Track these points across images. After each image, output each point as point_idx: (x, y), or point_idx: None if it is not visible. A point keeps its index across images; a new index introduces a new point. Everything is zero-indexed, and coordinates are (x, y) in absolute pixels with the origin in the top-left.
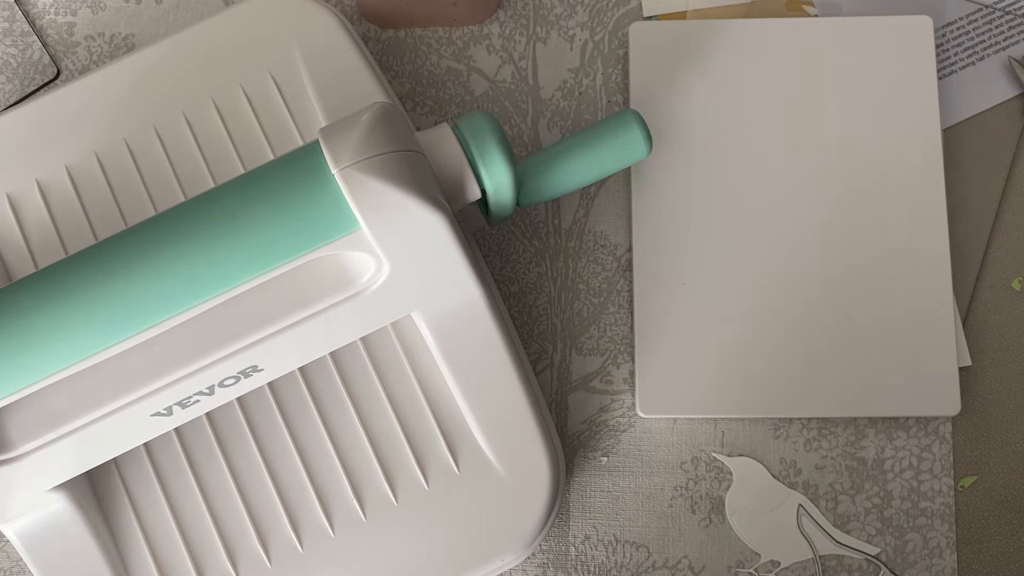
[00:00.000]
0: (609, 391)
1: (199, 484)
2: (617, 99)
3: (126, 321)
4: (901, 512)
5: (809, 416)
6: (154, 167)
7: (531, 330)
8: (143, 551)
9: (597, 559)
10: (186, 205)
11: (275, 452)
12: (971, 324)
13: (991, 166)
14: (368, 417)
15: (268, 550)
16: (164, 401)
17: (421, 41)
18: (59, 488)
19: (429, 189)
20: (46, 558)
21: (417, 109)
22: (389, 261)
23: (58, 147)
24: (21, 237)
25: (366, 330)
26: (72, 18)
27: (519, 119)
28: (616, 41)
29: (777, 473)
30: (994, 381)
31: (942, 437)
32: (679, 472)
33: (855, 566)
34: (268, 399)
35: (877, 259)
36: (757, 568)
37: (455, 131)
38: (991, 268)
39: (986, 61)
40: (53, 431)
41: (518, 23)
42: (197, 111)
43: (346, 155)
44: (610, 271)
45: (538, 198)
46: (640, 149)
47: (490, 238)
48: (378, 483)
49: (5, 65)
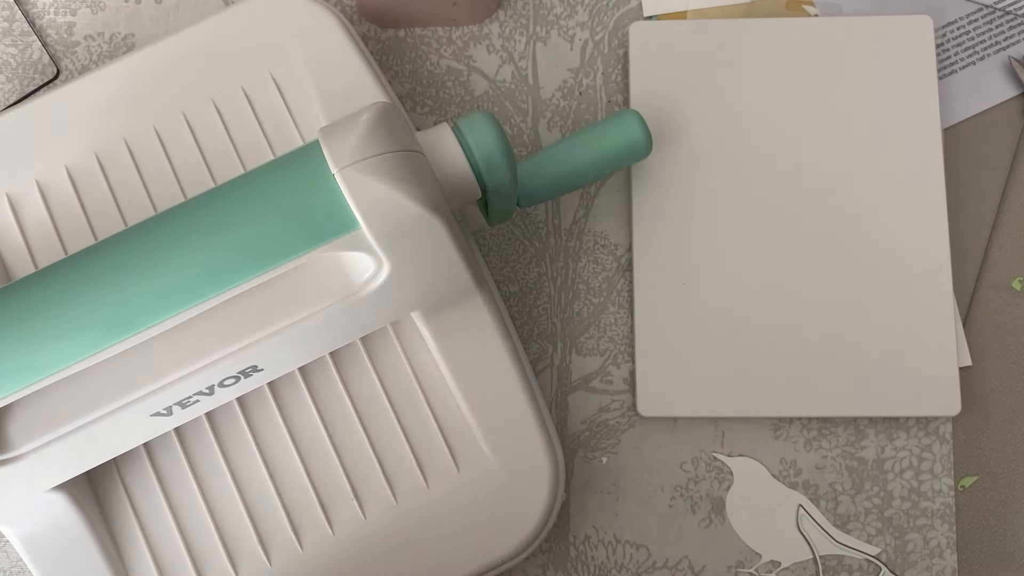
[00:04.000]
0: (609, 391)
1: (199, 484)
2: (617, 99)
3: (126, 321)
4: (901, 512)
5: (809, 416)
6: (154, 167)
7: (531, 330)
8: (143, 551)
9: (597, 559)
10: (186, 205)
11: (275, 452)
12: (971, 324)
13: (991, 166)
14: (368, 417)
15: (268, 550)
16: (164, 401)
17: (421, 41)
18: (59, 488)
19: (429, 189)
20: (46, 558)
21: (417, 109)
22: (389, 261)
23: (58, 147)
24: (21, 237)
25: (366, 330)
26: (72, 18)
27: (519, 119)
28: (616, 41)
29: (777, 473)
30: (994, 381)
31: (942, 437)
32: (679, 472)
33: (855, 566)
34: (268, 399)
35: (877, 259)
36: (757, 568)
37: (455, 131)
38: (991, 268)
39: (986, 61)
40: (53, 431)
41: (518, 23)
42: (197, 111)
43: (346, 155)
44: (610, 271)
45: (538, 198)
46: (640, 149)
47: (490, 238)
48: (378, 483)
49: (5, 65)
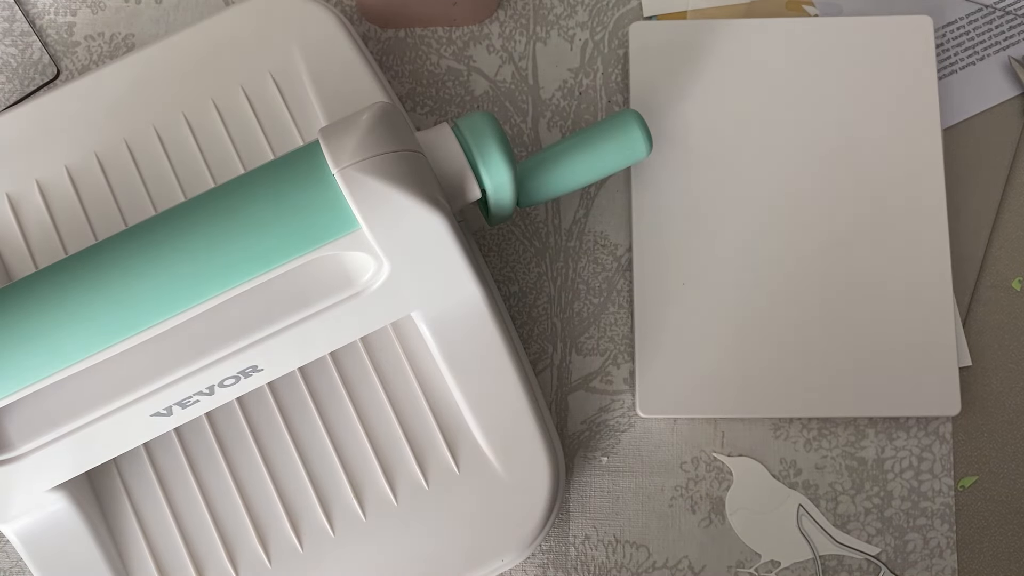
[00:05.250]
0: (609, 391)
1: (199, 484)
2: (617, 99)
3: (126, 321)
4: (901, 512)
5: (809, 416)
6: (154, 167)
7: (531, 330)
8: (143, 551)
9: (597, 559)
10: (186, 205)
11: (275, 452)
12: (971, 324)
13: (991, 166)
14: (368, 417)
15: (268, 550)
16: (164, 401)
17: (421, 41)
18: (59, 488)
19: (429, 189)
20: (46, 558)
21: (417, 109)
22: (389, 261)
23: (58, 147)
24: (21, 237)
25: (366, 330)
26: (72, 18)
27: (519, 119)
28: (616, 41)
29: (777, 473)
30: (994, 381)
31: (942, 437)
32: (679, 472)
33: (855, 566)
34: (268, 399)
35: (877, 259)
36: (757, 568)
37: (455, 131)
38: (991, 268)
39: (986, 61)
40: (53, 431)
41: (518, 23)
42: (197, 111)
43: (346, 155)
44: (610, 271)
45: (538, 198)
46: (640, 149)
47: (490, 238)
48: (378, 483)
49: (5, 65)
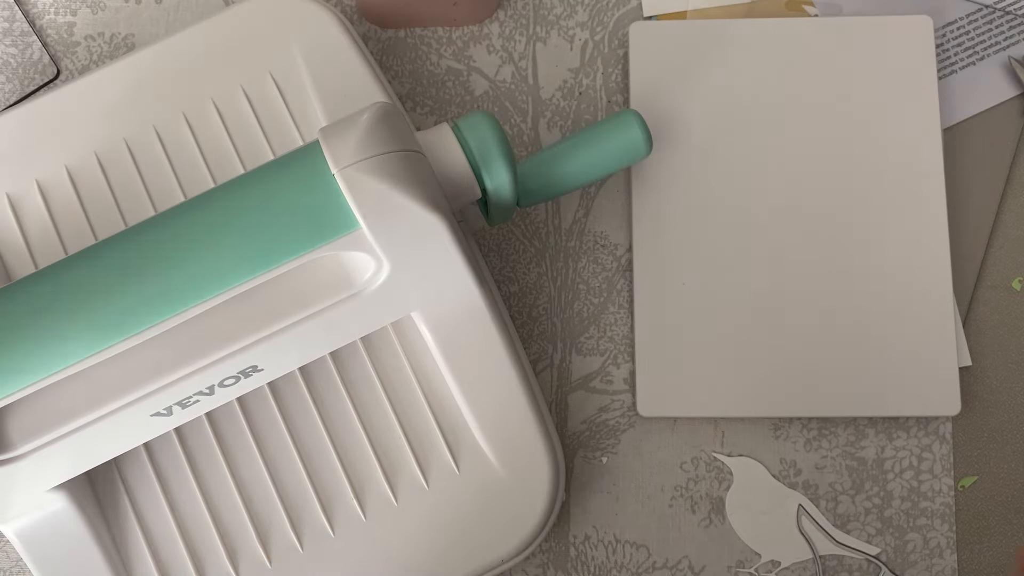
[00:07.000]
0: (609, 391)
1: (199, 484)
2: (617, 99)
3: (126, 321)
4: (901, 512)
5: (809, 416)
6: (154, 167)
7: (531, 330)
8: (143, 551)
9: (597, 559)
10: (186, 205)
11: (275, 452)
12: (971, 324)
13: (991, 166)
14: (368, 417)
15: (268, 550)
16: (164, 401)
17: (421, 41)
18: (59, 488)
19: (429, 189)
20: (46, 558)
21: (417, 109)
22: (389, 261)
23: (58, 147)
24: (21, 237)
25: (366, 330)
26: (72, 18)
27: (519, 119)
28: (616, 41)
29: (777, 473)
30: (994, 381)
31: (942, 437)
32: (679, 472)
33: (855, 566)
34: (268, 399)
35: (877, 259)
36: (757, 568)
37: (455, 131)
38: (991, 268)
39: (986, 61)
40: (53, 431)
41: (518, 23)
42: (197, 111)
43: (346, 155)
44: (610, 271)
45: (538, 198)
46: (640, 149)
47: (490, 238)
48: (378, 483)
49: (5, 65)
